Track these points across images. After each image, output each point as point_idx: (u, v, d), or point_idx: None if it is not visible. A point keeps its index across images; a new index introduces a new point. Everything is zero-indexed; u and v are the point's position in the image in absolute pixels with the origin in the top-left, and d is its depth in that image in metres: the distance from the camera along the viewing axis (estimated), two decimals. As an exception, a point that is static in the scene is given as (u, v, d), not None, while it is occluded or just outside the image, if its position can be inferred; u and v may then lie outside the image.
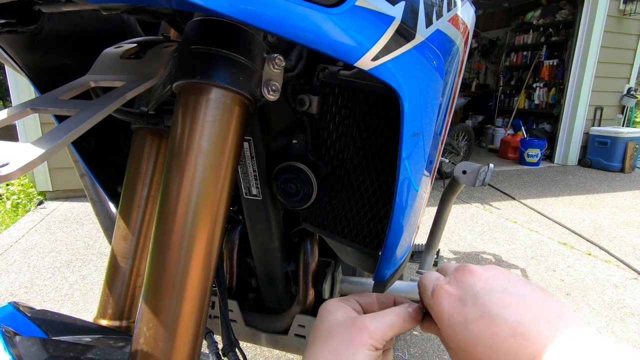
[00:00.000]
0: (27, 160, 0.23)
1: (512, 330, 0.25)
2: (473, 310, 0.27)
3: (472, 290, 0.28)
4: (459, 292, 0.29)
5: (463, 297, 0.28)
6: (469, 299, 0.28)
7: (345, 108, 0.49)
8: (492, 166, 0.91)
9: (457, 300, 0.28)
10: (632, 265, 2.25)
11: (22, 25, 0.39)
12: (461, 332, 0.27)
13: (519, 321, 0.25)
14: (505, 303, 0.26)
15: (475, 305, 0.27)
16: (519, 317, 0.25)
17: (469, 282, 0.29)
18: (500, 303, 0.26)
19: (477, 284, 0.28)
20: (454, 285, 0.29)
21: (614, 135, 4.68)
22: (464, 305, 0.28)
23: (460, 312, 0.28)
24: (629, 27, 4.83)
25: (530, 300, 0.26)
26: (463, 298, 0.28)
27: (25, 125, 2.95)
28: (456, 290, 0.29)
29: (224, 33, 0.33)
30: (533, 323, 0.25)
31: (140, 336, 0.33)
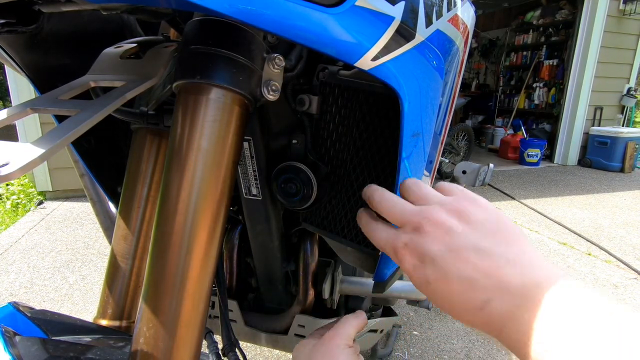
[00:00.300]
0: (27, 160, 0.23)
1: (466, 286, 0.27)
2: (432, 271, 0.29)
3: (430, 253, 0.29)
4: (418, 253, 0.30)
5: (422, 258, 0.30)
6: (428, 261, 0.29)
7: (345, 108, 0.49)
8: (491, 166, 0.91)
9: (417, 261, 0.30)
10: (632, 265, 2.25)
11: (21, 25, 0.39)
12: (425, 290, 0.30)
13: (471, 277, 0.27)
14: (459, 261, 0.28)
15: (434, 267, 0.29)
16: (472, 272, 0.27)
17: (426, 244, 0.30)
18: (455, 262, 0.28)
19: (434, 246, 0.29)
20: (412, 246, 0.30)
21: (613, 135, 4.68)
22: (423, 266, 0.29)
23: (421, 274, 0.30)
24: (628, 27, 4.83)
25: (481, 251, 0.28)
26: (422, 259, 0.30)
27: (25, 125, 2.95)
28: (415, 250, 0.30)
29: (223, 33, 0.33)
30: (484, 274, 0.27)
31: (140, 336, 0.33)
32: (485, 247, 0.28)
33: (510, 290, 0.25)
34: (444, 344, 1.55)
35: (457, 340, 1.57)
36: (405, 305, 1.71)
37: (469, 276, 0.27)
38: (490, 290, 0.26)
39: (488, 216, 0.30)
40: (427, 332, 1.62)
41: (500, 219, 0.30)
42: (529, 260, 0.27)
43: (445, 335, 1.60)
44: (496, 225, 0.29)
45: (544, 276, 0.25)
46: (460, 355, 1.48)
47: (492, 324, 0.26)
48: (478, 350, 1.51)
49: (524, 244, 0.28)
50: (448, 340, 1.57)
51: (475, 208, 0.30)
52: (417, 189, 0.34)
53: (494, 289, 0.26)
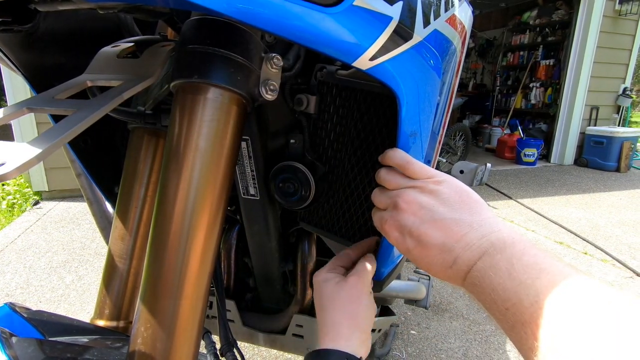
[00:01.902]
0: (23, 160, 0.23)
1: (439, 249, 0.33)
2: (410, 241, 0.35)
3: (406, 226, 0.35)
4: (398, 227, 0.36)
5: (402, 231, 0.36)
6: (406, 232, 0.35)
7: (343, 108, 0.49)
8: (489, 166, 0.92)
9: (398, 232, 0.36)
10: (627, 264, 2.26)
11: (17, 24, 0.39)
12: (409, 256, 0.36)
13: (442, 242, 0.33)
14: (431, 230, 0.34)
15: (411, 237, 0.35)
16: (443, 238, 0.33)
17: (402, 219, 0.36)
18: (429, 231, 0.34)
19: (409, 219, 0.35)
20: (391, 221, 0.37)
21: (609, 134, 4.71)
22: (403, 237, 0.36)
23: (403, 243, 0.36)
24: (624, 28, 4.86)
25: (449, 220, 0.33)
26: (402, 232, 0.36)
27: (21, 125, 2.93)
28: (395, 225, 0.36)
29: (221, 32, 0.33)
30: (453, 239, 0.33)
31: (138, 336, 0.33)
32: (452, 217, 0.33)
33: (473, 248, 0.32)
34: (442, 343, 1.55)
35: (455, 340, 1.57)
36: (402, 304, 1.71)
37: (441, 241, 0.33)
38: (457, 250, 0.32)
39: (453, 192, 0.35)
40: (424, 332, 1.62)
41: (463, 193, 0.35)
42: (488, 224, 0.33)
43: (442, 334, 1.61)
44: (459, 198, 0.35)
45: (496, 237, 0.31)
46: (457, 354, 1.49)
47: (459, 276, 0.32)
48: (475, 349, 1.52)
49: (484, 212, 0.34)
50: (445, 340, 1.57)
51: (442, 186, 0.36)
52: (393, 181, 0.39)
53: (460, 249, 0.32)
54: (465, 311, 1.77)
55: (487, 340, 1.58)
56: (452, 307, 1.81)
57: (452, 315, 1.74)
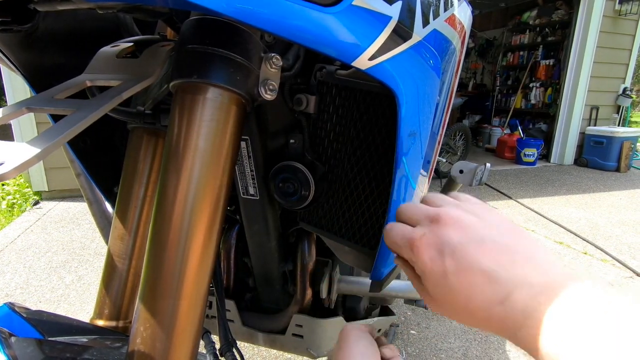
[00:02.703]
0: (22, 159, 0.23)
1: (487, 278, 0.26)
2: (451, 263, 0.28)
3: (451, 243, 0.29)
4: (437, 243, 0.29)
5: (441, 250, 0.29)
6: (447, 252, 0.29)
7: (342, 107, 0.49)
8: (488, 165, 0.92)
9: (436, 252, 0.29)
10: (627, 264, 2.26)
11: (17, 24, 0.39)
12: (442, 283, 0.29)
13: (492, 269, 0.26)
14: (480, 253, 0.27)
15: (454, 258, 0.28)
16: (493, 265, 0.27)
17: (446, 234, 0.29)
18: (476, 254, 0.27)
19: (454, 236, 0.29)
20: (430, 236, 0.30)
21: (609, 134, 4.71)
22: (442, 258, 0.29)
23: (439, 265, 0.29)
24: (624, 28, 4.86)
25: (502, 245, 0.28)
26: (441, 250, 0.29)
27: (21, 125, 2.93)
28: (434, 241, 0.30)
29: (220, 32, 0.33)
30: (505, 268, 0.26)
31: (137, 336, 0.33)
32: (505, 243, 0.28)
33: (533, 285, 0.25)
34: (442, 343, 1.55)
35: (455, 339, 1.58)
36: (402, 304, 1.71)
37: (491, 268, 0.26)
38: (512, 284, 0.25)
39: (502, 219, 0.30)
40: (424, 331, 1.62)
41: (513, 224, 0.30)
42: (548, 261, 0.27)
43: (442, 334, 1.61)
44: (512, 227, 0.29)
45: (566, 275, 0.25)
46: (457, 354, 1.49)
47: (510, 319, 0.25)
48: (475, 349, 1.52)
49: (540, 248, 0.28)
50: (445, 339, 1.57)
51: (490, 212, 0.31)
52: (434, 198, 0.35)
53: (516, 283, 0.25)
54: (465, 311, 1.77)
55: (487, 340, 1.58)
56: (452, 307, 1.80)
57: (452, 315, 1.74)
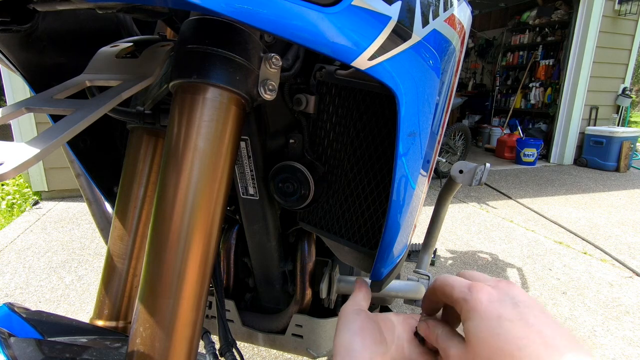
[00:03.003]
0: (22, 159, 0.23)
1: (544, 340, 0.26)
2: (511, 312, 0.28)
3: (513, 298, 0.30)
4: (499, 295, 0.30)
5: (502, 299, 0.30)
6: (509, 303, 0.29)
7: (342, 107, 0.49)
8: (488, 165, 0.92)
9: (496, 299, 0.30)
10: (627, 263, 2.27)
11: (16, 24, 0.39)
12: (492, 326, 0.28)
13: (552, 335, 0.26)
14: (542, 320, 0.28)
15: (515, 310, 0.28)
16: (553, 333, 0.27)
17: (512, 291, 0.30)
18: (539, 318, 0.28)
19: (519, 295, 0.30)
20: (496, 289, 0.31)
21: (609, 134, 4.71)
22: (502, 305, 0.29)
23: (497, 309, 0.29)
24: (623, 28, 4.86)
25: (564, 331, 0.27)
26: (502, 300, 0.30)
27: (20, 125, 2.93)
28: (497, 292, 0.30)
29: (220, 32, 0.33)
30: (564, 344, 0.26)
31: (137, 337, 0.33)
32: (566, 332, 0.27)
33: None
34: (441, 343, 1.55)
35: (454, 339, 1.57)
36: (402, 304, 1.71)
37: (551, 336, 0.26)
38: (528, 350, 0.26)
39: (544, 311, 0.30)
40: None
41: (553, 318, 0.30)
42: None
43: (442, 334, 1.60)
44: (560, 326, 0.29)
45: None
46: (457, 354, 1.49)
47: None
48: (475, 349, 1.51)
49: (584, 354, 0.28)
50: (445, 339, 1.57)
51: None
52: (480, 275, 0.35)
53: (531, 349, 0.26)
54: (465, 311, 1.76)
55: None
56: (451, 307, 1.80)
57: (451, 315, 1.74)
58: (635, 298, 1.93)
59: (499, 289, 0.31)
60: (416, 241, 1.79)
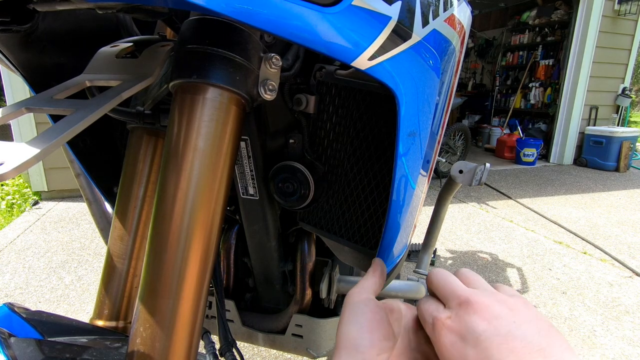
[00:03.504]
0: (22, 160, 0.23)
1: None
2: (474, 353, 0.26)
3: (475, 332, 0.27)
4: (461, 330, 0.28)
5: (464, 336, 0.28)
6: (471, 340, 0.27)
7: (342, 107, 0.49)
8: (488, 165, 0.92)
9: (458, 337, 0.28)
10: (626, 263, 2.27)
11: (16, 24, 0.39)
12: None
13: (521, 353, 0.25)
14: (507, 349, 0.26)
15: (477, 349, 0.26)
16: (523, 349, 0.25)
17: (472, 321, 0.28)
18: (502, 348, 0.26)
19: (480, 325, 0.27)
20: (455, 321, 0.29)
21: (609, 134, 4.72)
22: (465, 345, 0.27)
23: (460, 352, 0.27)
24: (623, 28, 4.86)
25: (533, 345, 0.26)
26: (464, 337, 0.28)
27: (20, 125, 2.93)
28: (458, 326, 0.28)
29: (220, 32, 0.33)
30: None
31: (137, 337, 0.33)
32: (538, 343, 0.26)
33: None
34: (441, 343, 1.55)
35: (454, 339, 1.57)
36: (402, 304, 1.71)
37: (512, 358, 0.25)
38: None
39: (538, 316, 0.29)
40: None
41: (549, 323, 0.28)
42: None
43: (442, 334, 1.61)
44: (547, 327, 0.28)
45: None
46: (457, 354, 1.49)
47: None
48: (475, 349, 1.52)
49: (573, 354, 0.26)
50: (445, 339, 1.57)
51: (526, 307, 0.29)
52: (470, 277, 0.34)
53: None
54: (465, 311, 1.77)
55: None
56: (451, 306, 1.80)
57: (451, 315, 1.74)
58: (635, 298, 1.93)
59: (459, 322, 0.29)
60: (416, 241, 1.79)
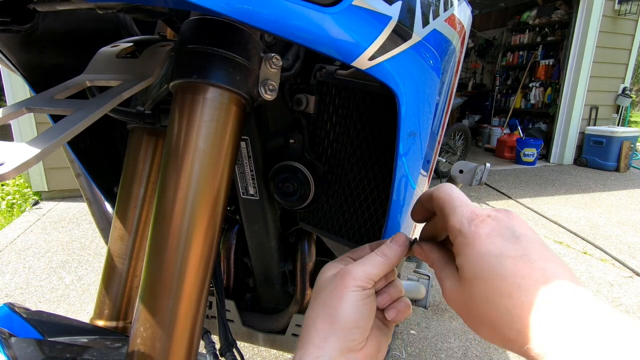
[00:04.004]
0: (22, 160, 0.23)
1: (545, 277, 0.25)
2: (513, 248, 0.26)
3: (514, 232, 0.27)
4: (500, 228, 0.28)
5: (503, 233, 0.27)
6: (509, 237, 0.27)
7: (342, 107, 0.49)
8: (488, 165, 0.92)
9: (497, 232, 0.27)
10: (627, 263, 2.27)
11: (16, 24, 0.39)
12: (491, 263, 0.26)
13: (553, 272, 0.25)
14: (544, 255, 0.26)
15: (516, 245, 0.27)
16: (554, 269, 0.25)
17: (513, 224, 0.28)
18: (540, 254, 0.26)
19: (520, 229, 0.28)
20: (496, 219, 0.28)
21: (609, 134, 4.71)
22: (503, 240, 0.27)
23: (497, 245, 0.27)
24: (623, 27, 4.86)
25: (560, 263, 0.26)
26: (503, 234, 0.27)
27: (21, 125, 2.93)
28: (498, 225, 0.28)
29: (220, 32, 0.33)
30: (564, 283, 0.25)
31: (137, 337, 0.33)
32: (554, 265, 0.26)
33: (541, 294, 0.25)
34: (441, 343, 1.55)
35: (454, 339, 1.58)
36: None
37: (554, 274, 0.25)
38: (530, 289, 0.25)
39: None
40: (424, 331, 1.62)
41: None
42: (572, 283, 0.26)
43: (442, 334, 1.61)
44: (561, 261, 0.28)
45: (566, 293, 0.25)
46: (457, 354, 1.49)
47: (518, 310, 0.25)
48: (475, 349, 1.52)
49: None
50: (445, 339, 1.57)
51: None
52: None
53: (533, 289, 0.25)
54: (465, 311, 1.77)
55: (487, 340, 1.58)
56: (451, 306, 1.81)
57: (451, 315, 1.74)
58: (635, 298, 1.93)
59: (498, 221, 0.28)
60: (416, 241, 1.79)
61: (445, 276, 0.31)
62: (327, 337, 0.31)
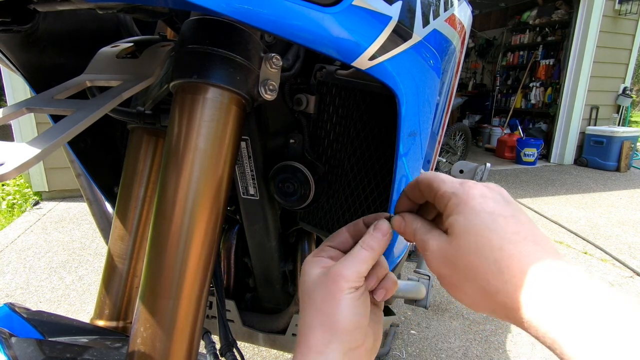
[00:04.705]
0: (22, 160, 0.23)
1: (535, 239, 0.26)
2: (504, 209, 0.28)
3: (504, 197, 0.29)
4: (491, 193, 0.29)
5: (494, 197, 0.29)
6: (500, 200, 0.29)
7: (342, 107, 0.49)
8: (488, 165, 0.92)
9: (489, 195, 0.29)
10: (627, 263, 2.26)
11: (17, 24, 0.39)
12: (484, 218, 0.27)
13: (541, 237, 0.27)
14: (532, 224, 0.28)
15: (507, 207, 0.28)
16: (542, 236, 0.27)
17: (501, 191, 0.30)
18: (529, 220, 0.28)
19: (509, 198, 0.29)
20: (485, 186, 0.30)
21: (609, 134, 4.71)
22: (494, 202, 0.28)
23: (489, 204, 0.28)
24: (624, 27, 4.86)
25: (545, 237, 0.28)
26: (494, 197, 0.29)
27: (21, 125, 2.93)
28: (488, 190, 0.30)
29: (220, 32, 0.33)
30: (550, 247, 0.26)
31: (138, 337, 0.33)
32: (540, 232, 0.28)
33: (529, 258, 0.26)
34: (442, 343, 1.55)
35: (455, 339, 1.57)
36: (402, 304, 1.71)
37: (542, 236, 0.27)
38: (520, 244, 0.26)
39: None
40: (424, 331, 1.62)
41: None
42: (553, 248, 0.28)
43: (442, 334, 1.61)
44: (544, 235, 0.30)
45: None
46: (457, 354, 1.49)
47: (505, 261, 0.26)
48: (475, 349, 1.52)
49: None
50: (445, 339, 1.57)
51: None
52: None
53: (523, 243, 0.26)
54: (465, 311, 1.77)
55: (487, 339, 1.58)
56: (452, 306, 1.81)
57: (452, 315, 1.74)
58: (636, 298, 1.93)
59: (489, 187, 0.30)
60: (416, 241, 1.79)
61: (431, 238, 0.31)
62: (329, 343, 0.31)
